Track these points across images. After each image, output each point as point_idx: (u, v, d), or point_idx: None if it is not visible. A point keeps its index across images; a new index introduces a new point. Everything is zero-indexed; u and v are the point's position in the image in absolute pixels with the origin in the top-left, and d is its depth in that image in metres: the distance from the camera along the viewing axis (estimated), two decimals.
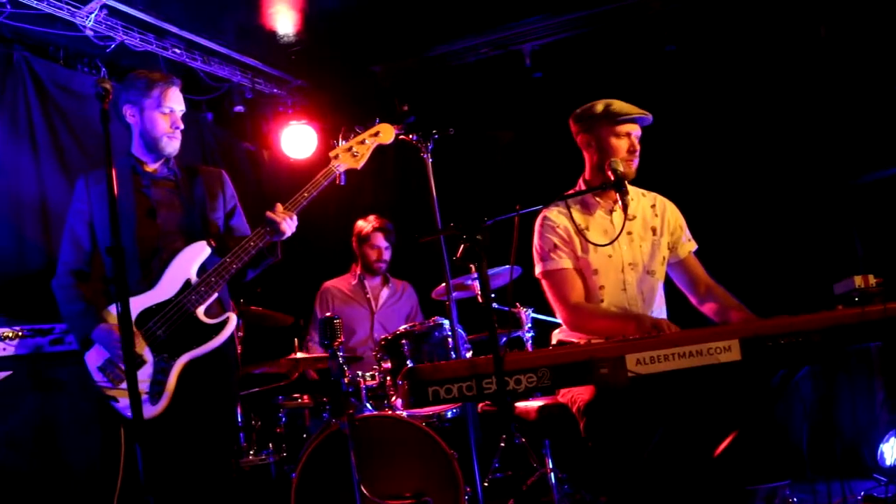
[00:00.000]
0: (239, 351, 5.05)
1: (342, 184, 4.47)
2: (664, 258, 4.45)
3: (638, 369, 3.32)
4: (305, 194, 4.21)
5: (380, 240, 6.59)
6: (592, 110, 4.43)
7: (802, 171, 6.46)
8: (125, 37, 6.06)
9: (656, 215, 4.49)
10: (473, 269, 5.56)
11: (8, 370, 4.66)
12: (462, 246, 3.45)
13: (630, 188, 4.39)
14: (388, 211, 7.01)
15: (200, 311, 4.05)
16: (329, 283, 6.74)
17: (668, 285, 4.54)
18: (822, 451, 5.46)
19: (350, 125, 4.71)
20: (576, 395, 4.00)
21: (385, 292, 6.70)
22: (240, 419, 5.47)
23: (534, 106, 7.19)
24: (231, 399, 4.34)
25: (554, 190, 4.36)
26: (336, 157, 4.38)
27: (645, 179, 4.52)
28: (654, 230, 4.45)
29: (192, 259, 4.10)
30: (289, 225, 4.11)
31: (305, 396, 5.78)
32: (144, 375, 3.92)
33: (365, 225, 6.63)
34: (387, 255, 6.64)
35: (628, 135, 4.35)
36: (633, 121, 4.37)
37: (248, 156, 7.88)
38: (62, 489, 4.79)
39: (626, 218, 4.27)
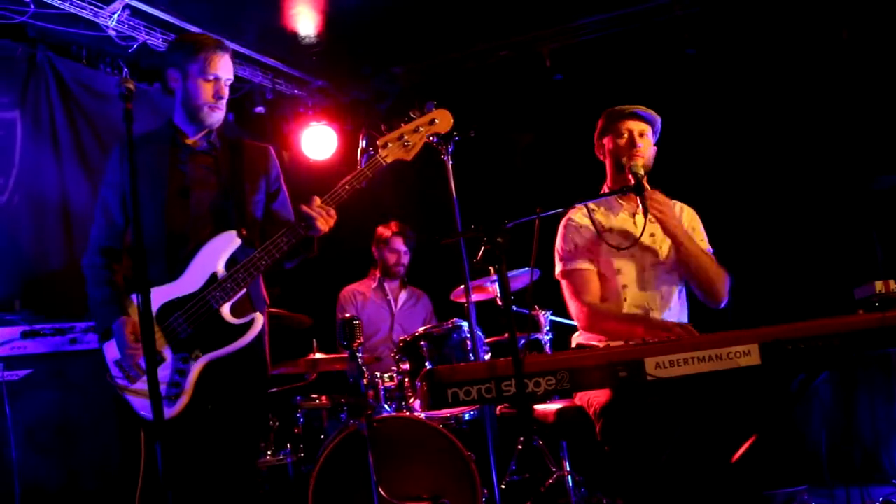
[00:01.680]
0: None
1: (363, 185, 4.41)
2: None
3: (657, 373, 3.31)
4: (347, 187, 3.85)
5: (399, 244, 6.63)
6: (602, 117, 4.48)
7: (823, 174, 6.44)
8: (147, 37, 6.09)
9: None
10: (492, 271, 5.61)
11: (29, 368, 4.69)
12: (483, 248, 3.46)
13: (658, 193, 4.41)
14: (408, 213, 7.02)
15: (226, 308, 3.74)
16: (350, 287, 6.79)
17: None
18: (841, 456, 5.44)
19: (370, 127, 4.67)
20: (592, 398, 4.00)
21: (403, 295, 6.75)
22: None
23: (554, 109, 7.19)
24: (260, 401, 4.03)
25: (574, 193, 4.36)
26: (384, 146, 3.94)
27: (667, 182, 4.51)
28: None
29: (220, 250, 3.79)
30: (326, 220, 3.78)
31: (323, 397, 5.79)
32: (162, 376, 3.61)
33: (385, 230, 6.68)
34: (405, 260, 6.67)
35: (629, 131, 4.36)
36: (629, 116, 4.37)
37: None
38: (80, 487, 4.82)
39: (646, 220, 4.27)
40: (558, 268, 4.44)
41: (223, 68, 3.95)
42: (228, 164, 4.00)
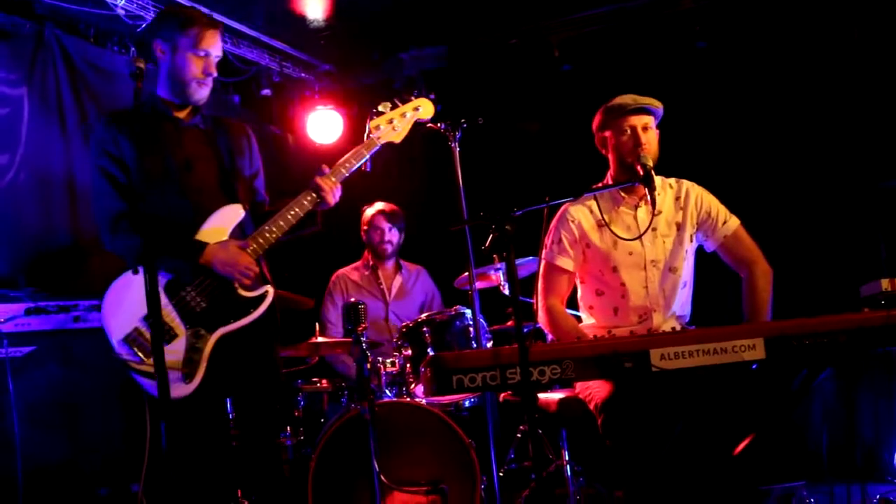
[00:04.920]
0: None
1: (368, 171, 4.42)
2: (686, 252, 4.41)
3: (662, 364, 3.32)
4: (347, 164, 4.00)
5: (381, 222, 6.50)
6: (600, 111, 4.44)
7: (829, 173, 6.43)
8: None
9: (680, 208, 4.43)
10: (496, 259, 5.60)
11: (33, 345, 4.69)
12: (491, 235, 3.46)
13: (658, 179, 4.39)
14: (413, 200, 7.01)
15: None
16: (342, 271, 6.70)
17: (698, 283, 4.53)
18: (842, 453, 5.45)
19: (375, 113, 4.67)
20: (593, 392, 4.01)
21: (398, 280, 6.64)
22: None
23: (562, 99, 7.17)
24: (274, 372, 4.06)
25: (580, 183, 4.36)
26: (377, 127, 4.17)
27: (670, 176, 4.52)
28: (678, 225, 4.41)
29: (226, 223, 3.85)
30: (335, 194, 3.91)
31: (324, 381, 5.80)
32: (178, 350, 3.69)
33: (367, 208, 6.60)
34: (390, 237, 6.54)
35: (633, 128, 4.30)
36: (632, 112, 4.32)
37: (274, 139, 7.89)
38: (81, 464, 4.83)
39: (653, 213, 4.25)
40: (541, 255, 4.43)
41: (213, 45, 3.93)
42: (220, 140, 4.02)
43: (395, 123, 4.21)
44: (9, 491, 4.43)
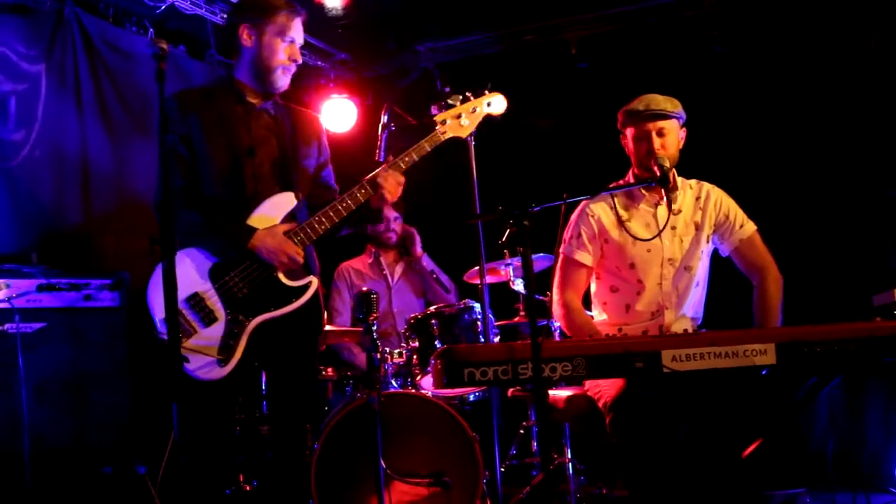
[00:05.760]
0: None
1: (381, 160, 4.41)
2: (702, 253, 4.43)
3: (673, 366, 3.32)
4: (407, 159, 3.95)
5: (387, 211, 6.53)
6: (621, 111, 4.45)
7: (840, 180, 6.43)
8: None
9: (700, 209, 4.46)
10: (507, 255, 5.61)
11: (43, 322, 4.70)
12: (508, 230, 3.46)
13: (679, 179, 4.42)
14: (426, 192, 6.98)
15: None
16: (346, 263, 6.73)
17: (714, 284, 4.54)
18: (847, 461, 5.45)
19: (392, 103, 4.66)
20: (603, 391, 4.02)
21: (400, 268, 6.67)
22: (263, 388, 5.50)
23: (578, 96, 7.17)
24: (311, 363, 4.08)
25: (595, 181, 4.37)
26: (443, 122, 4.06)
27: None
28: (696, 225, 4.43)
29: (278, 210, 3.83)
30: (395, 190, 3.91)
31: (330, 369, 5.81)
32: (216, 334, 3.71)
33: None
34: (395, 227, 6.57)
35: (648, 134, 4.31)
36: (646, 118, 4.33)
37: None
38: (87, 443, 4.84)
39: (669, 213, 4.27)
40: (560, 247, 4.44)
41: (299, 33, 3.96)
42: (286, 127, 4.00)
43: (462, 119, 4.11)
44: (15, 467, 4.44)
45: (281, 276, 3.79)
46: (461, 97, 4.15)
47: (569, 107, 7.23)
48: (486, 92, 4.24)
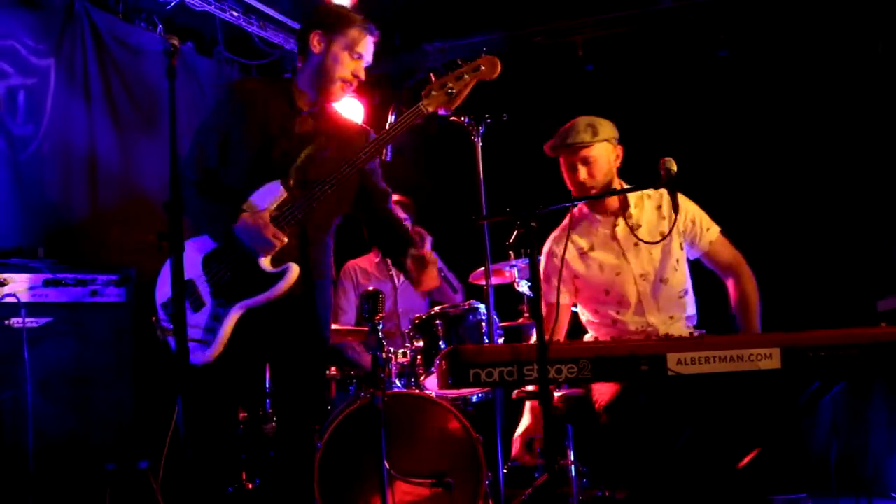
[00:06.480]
0: None
1: (388, 160, 4.39)
2: (677, 262, 4.41)
3: (678, 369, 3.33)
4: (385, 137, 3.82)
5: (398, 212, 6.53)
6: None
7: (846, 185, 6.43)
8: None
9: (663, 217, 4.44)
10: (512, 256, 5.61)
11: (49, 317, 4.71)
12: (515, 232, 3.47)
13: (633, 195, 4.43)
14: (431, 193, 7.00)
15: (264, 258, 3.66)
16: (352, 262, 6.73)
17: (710, 288, 4.54)
18: (850, 467, 5.44)
19: (399, 102, 4.65)
20: (598, 394, 4.03)
21: None
22: (267, 386, 5.49)
23: (584, 98, 7.17)
24: (314, 356, 3.98)
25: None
26: (427, 94, 3.82)
27: (690, 187, 4.50)
28: (661, 235, 4.38)
29: (262, 199, 3.71)
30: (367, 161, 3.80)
31: (333, 368, 5.80)
32: (199, 321, 3.68)
33: None
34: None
35: (573, 164, 4.41)
36: (573, 151, 4.40)
37: None
38: (91, 438, 4.84)
39: (676, 216, 4.24)
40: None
41: (368, 51, 3.88)
42: (324, 134, 3.89)
43: (448, 87, 3.82)
44: (20, 461, 4.45)
45: (262, 261, 3.67)
46: (452, 66, 3.91)
47: (576, 109, 7.21)
48: (480, 56, 3.95)
